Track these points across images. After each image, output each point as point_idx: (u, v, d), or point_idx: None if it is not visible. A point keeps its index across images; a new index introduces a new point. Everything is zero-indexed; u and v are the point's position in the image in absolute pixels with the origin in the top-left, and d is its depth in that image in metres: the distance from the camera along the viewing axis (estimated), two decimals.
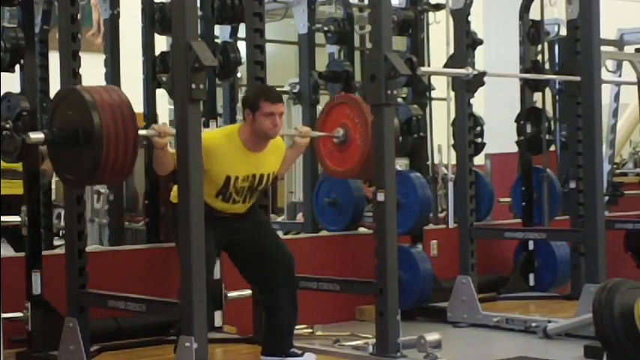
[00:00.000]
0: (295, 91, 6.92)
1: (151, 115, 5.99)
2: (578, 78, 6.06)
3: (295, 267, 4.93)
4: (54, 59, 5.15)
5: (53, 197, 6.58)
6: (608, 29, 7.92)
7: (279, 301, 4.87)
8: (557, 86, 7.88)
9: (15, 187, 5.55)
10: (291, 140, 5.11)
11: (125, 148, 4.17)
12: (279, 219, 8.05)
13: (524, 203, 7.28)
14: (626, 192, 9.38)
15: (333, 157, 5.55)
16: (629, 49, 9.26)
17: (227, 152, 4.73)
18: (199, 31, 4.78)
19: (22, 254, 5.08)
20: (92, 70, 5.38)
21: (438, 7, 7.34)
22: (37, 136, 4.31)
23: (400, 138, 6.14)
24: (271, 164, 4.90)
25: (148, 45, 6.02)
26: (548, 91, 7.68)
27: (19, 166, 5.26)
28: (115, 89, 4.37)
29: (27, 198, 5.08)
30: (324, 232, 6.80)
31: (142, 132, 4.38)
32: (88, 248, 5.10)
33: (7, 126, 4.98)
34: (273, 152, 4.90)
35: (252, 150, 4.80)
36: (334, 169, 5.60)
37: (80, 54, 4.82)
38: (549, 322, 5.80)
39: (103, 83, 5.91)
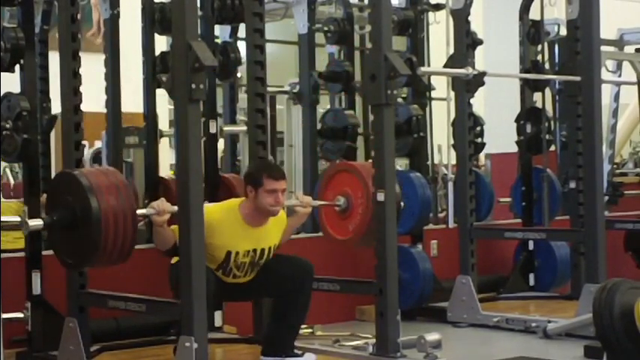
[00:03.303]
0: (295, 91, 6.90)
1: (150, 115, 5.99)
2: (578, 78, 6.05)
3: (313, 272, 4.94)
4: (54, 59, 5.15)
5: None
6: (608, 29, 7.91)
7: (296, 301, 4.86)
8: (557, 86, 7.89)
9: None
10: (293, 210, 5.04)
11: (124, 230, 4.17)
12: None
13: (524, 203, 7.28)
14: (626, 192, 9.36)
15: (334, 224, 5.48)
16: (629, 49, 9.26)
17: (228, 227, 4.69)
18: (199, 31, 4.78)
19: (22, 254, 5.08)
20: (92, 70, 5.38)
21: (438, 7, 7.34)
22: (35, 222, 4.30)
23: None
24: (273, 237, 4.87)
25: (148, 45, 6.01)
26: (548, 91, 7.68)
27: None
28: (114, 172, 4.38)
29: (27, 198, 5.08)
30: None
31: (140, 211, 4.37)
32: None
33: (7, 126, 4.98)
34: (274, 225, 4.86)
35: (252, 225, 4.76)
36: (336, 238, 5.52)
37: (80, 54, 4.83)
38: (549, 322, 5.80)
39: (103, 83, 5.93)
